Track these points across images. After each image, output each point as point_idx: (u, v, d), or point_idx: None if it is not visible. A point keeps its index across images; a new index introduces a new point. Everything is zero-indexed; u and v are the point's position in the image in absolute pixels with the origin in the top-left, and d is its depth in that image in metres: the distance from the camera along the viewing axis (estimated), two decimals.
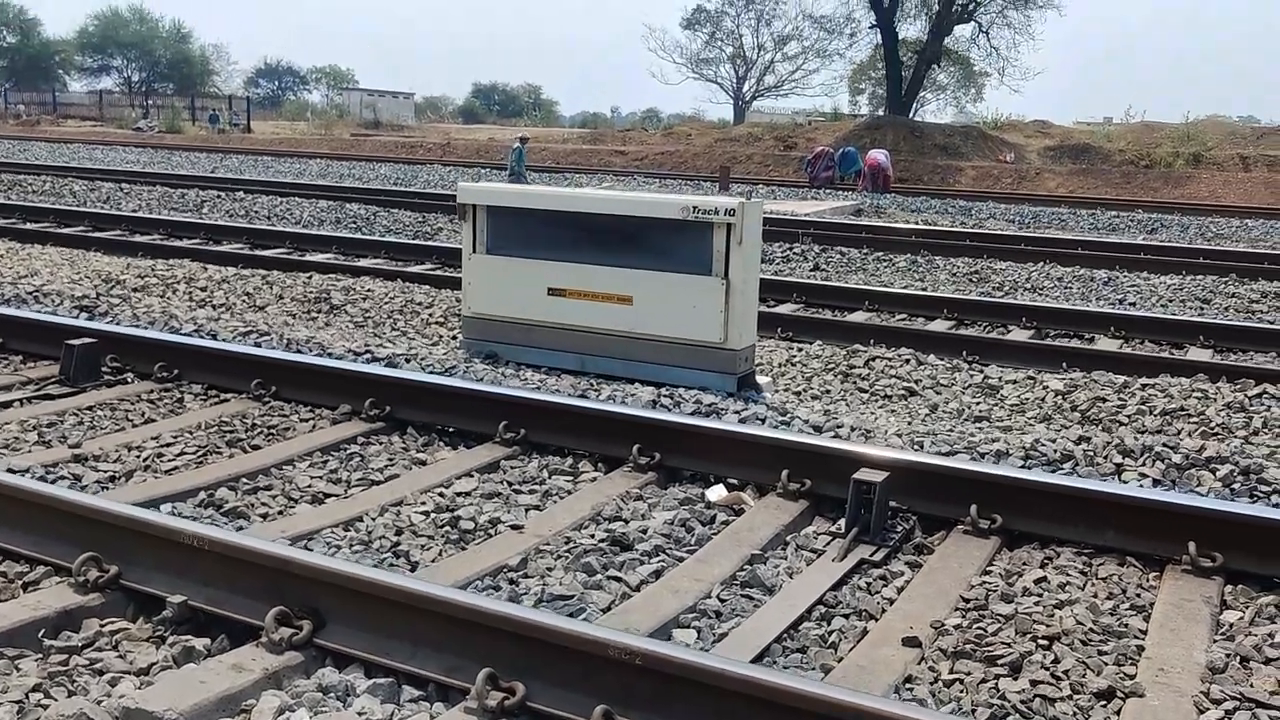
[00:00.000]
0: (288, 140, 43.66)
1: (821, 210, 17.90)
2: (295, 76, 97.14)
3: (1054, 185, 29.59)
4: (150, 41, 77.81)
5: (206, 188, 17.74)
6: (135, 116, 54.39)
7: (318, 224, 13.81)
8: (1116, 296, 9.80)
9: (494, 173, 26.00)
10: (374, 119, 59.05)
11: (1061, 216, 19.92)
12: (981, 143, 35.43)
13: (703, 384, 5.51)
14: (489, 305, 6.13)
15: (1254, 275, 10.72)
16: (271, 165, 27.42)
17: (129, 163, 26.39)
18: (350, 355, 5.76)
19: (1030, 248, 12.38)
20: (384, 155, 35.21)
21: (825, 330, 7.51)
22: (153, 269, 8.72)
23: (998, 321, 8.09)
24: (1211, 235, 17.15)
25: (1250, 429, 5.24)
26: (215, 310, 7.45)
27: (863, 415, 5.44)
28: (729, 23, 62.69)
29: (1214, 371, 6.25)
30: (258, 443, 4.47)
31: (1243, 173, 30.12)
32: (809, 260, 11.45)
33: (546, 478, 4.15)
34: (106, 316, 6.71)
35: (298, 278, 8.55)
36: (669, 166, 32.95)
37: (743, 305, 5.56)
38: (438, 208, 15.06)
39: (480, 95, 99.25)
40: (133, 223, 12.41)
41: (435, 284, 8.66)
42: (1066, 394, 5.84)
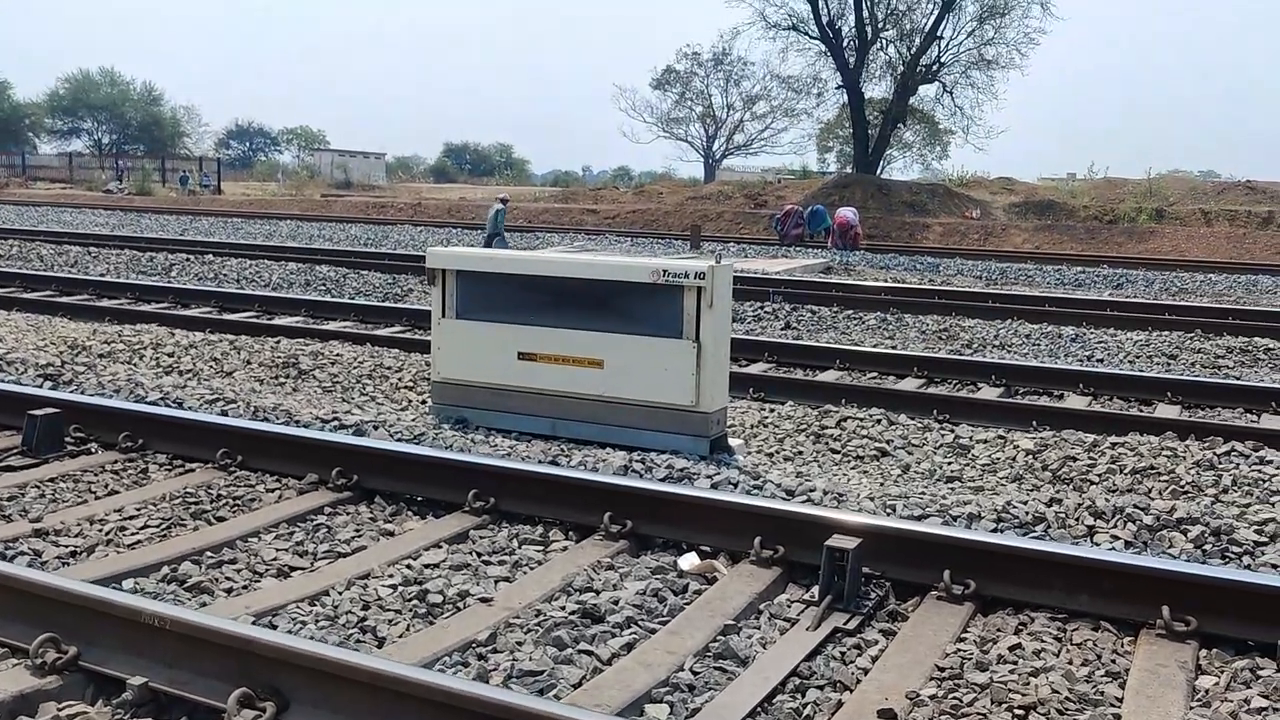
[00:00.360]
0: (258, 201, 43.68)
1: (792, 268, 18.02)
2: (266, 137, 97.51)
3: (1020, 241, 29.95)
4: (121, 104, 77.98)
5: (176, 250, 17.67)
6: (105, 178, 54.26)
7: (287, 286, 13.76)
8: (1084, 353, 9.88)
9: (465, 233, 26.05)
10: (345, 179, 59.21)
11: (1028, 272, 20.14)
12: (948, 199, 35.88)
13: (675, 447, 5.49)
14: (459, 370, 6.10)
15: (1219, 330, 10.84)
16: (242, 227, 27.38)
17: (98, 225, 26.29)
18: (318, 423, 5.71)
19: (998, 304, 12.49)
20: (355, 216, 35.26)
21: (797, 390, 7.52)
22: (119, 334, 8.64)
23: (967, 379, 8.13)
24: (1176, 290, 17.37)
25: (1220, 487, 5.27)
26: (182, 377, 7.38)
27: (835, 477, 5.43)
28: (698, 83, 63.53)
29: (1182, 429, 6.29)
30: (223, 514, 4.40)
31: (1205, 227, 30.61)
32: (780, 319, 11.49)
33: (516, 548, 4.10)
34: (71, 385, 6.63)
35: (266, 342, 8.49)
36: (641, 225, 33.15)
37: (714, 368, 5.56)
38: (408, 269, 15.05)
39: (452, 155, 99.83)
40: (100, 287, 12.33)
41: (405, 347, 8.62)
42: (1037, 453, 5.86)
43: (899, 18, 37.35)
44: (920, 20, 37.30)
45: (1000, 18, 36.18)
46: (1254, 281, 18.95)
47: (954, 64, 37.62)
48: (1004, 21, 36.24)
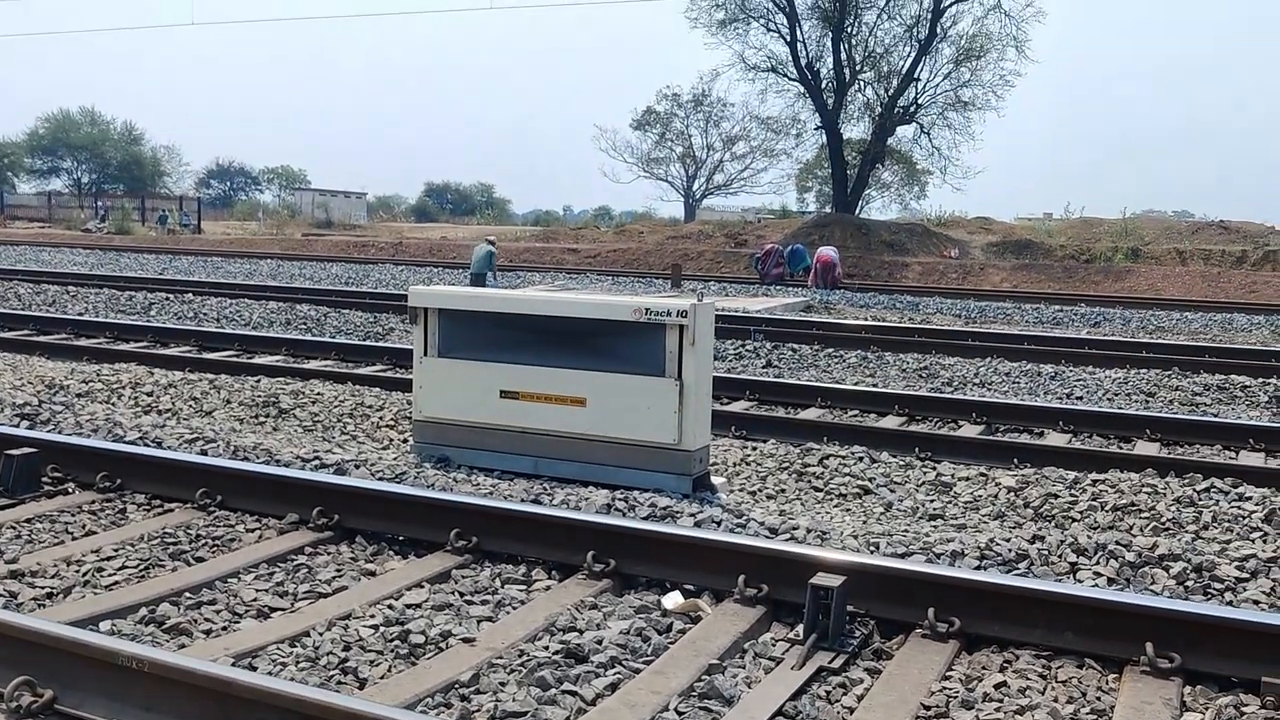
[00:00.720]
0: (239, 240, 43.62)
1: (772, 307, 18.09)
2: (247, 177, 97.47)
3: (998, 280, 30.17)
4: (101, 143, 77.84)
5: (155, 289, 17.60)
6: (84, 218, 54.09)
7: (268, 325, 13.72)
8: (1064, 390, 9.94)
9: (447, 272, 26.07)
10: (326, 219, 59.16)
11: (1006, 310, 20.28)
12: (926, 239, 36.14)
13: (658, 486, 5.48)
14: (441, 409, 6.08)
15: (1196, 368, 10.92)
16: (222, 266, 27.32)
17: (76, 264, 26.19)
18: (298, 462, 5.67)
19: (978, 343, 12.56)
20: (336, 255, 35.24)
21: (779, 428, 7.52)
22: (98, 374, 8.59)
23: (948, 417, 8.15)
24: (1153, 328, 17.52)
25: (1200, 524, 5.29)
26: (161, 416, 7.33)
27: (818, 515, 5.43)
28: (678, 124, 63.97)
29: (1162, 466, 6.32)
30: (202, 555, 4.36)
31: (1180, 266, 30.93)
32: (761, 357, 11.52)
33: (499, 587, 4.07)
34: (49, 424, 6.58)
35: (246, 381, 8.45)
36: (622, 264, 33.24)
37: (696, 406, 5.56)
38: (389, 308, 15.03)
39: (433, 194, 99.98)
40: (78, 326, 12.26)
41: (386, 386, 8.59)
42: (1019, 490, 5.87)
43: (876, 60, 37.77)
44: (897, 62, 37.75)
45: (976, 60, 36.62)
46: (1229, 320, 19.14)
47: (931, 105, 38.01)
48: (979, 64, 36.68)
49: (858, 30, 37.24)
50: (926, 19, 36.16)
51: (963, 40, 36.76)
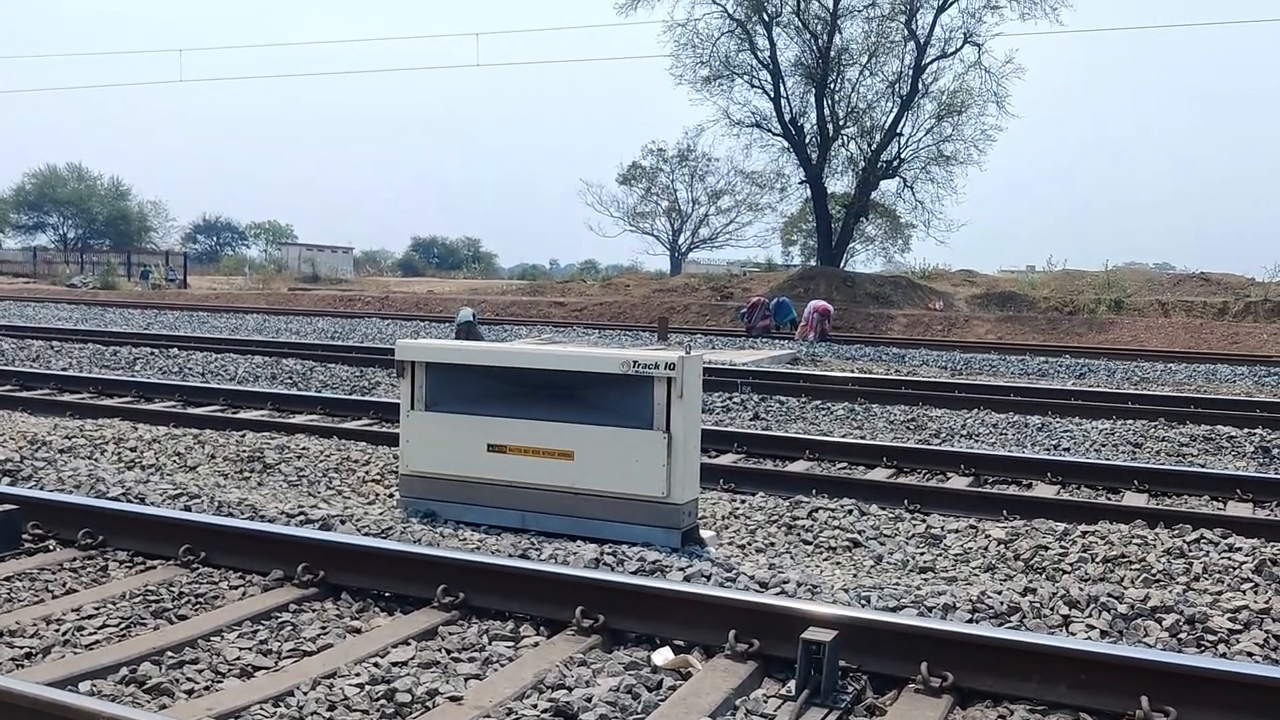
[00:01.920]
0: (225, 295, 43.57)
1: (759, 359, 18.13)
2: (234, 232, 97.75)
3: (983, 332, 30.33)
4: (88, 199, 78.04)
5: (140, 344, 17.53)
6: (70, 273, 54.03)
7: (253, 380, 13.66)
8: (1051, 442, 9.94)
9: (434, 326, 26.07)
10: (313, 273, 59.24)
11: (992, 362, 20.36)
12: (911, 291, 36.38)
13: (647, 539, 5.43)
14: (428, 463, 6.04)
15: (1182, 419, 10.96)
16: (208, 320, 27.27)
17: (61, 320, 26.09)
18: (283, 517, 5.61)
19: (964, 394, 12.59)
20: (322, 309, 35.23)
21: (767, 481, 7.49)
22: (81, 429, 8.52)
23: (937, 469, 8.14)
24: (1137, 379, 17.59)
25: (1191, 574, 5.27)
26: (144, 472, 7.26)
27: (808, 569, 5.39)
28: (664, 178, 64.57)
29: (1151, 517, 6.31)
30: (184, 613, 4.29)
31: (1162, 318, 31.16)
32: (749, 409, 11.51)
33: (487, 644, 4.02)
34: (30, 480, 6.50)
35: (231, 436, 8.39)
36: (608, 317, 33.31)
37: (685, 458, 5.54)
38: (376, 361, 14.99)
39: (419, 248, 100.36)
40: (62, 381, 12.18)
41: (372, 440, 8.54)
42: (1009, 542, 5.84)
43: (859, 115, 38.23)
44: (880, 118, 38.22)
45: (957, 115, 37.13)
46: (1213, 371, 19.24)
47: (914, 160, 38.47)
48: (961, 119, 37.20)
49: (840, 86, 37.76)
50: (908, 75, 36.70)
51: (944, 96, 37.32)
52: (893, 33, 37.20)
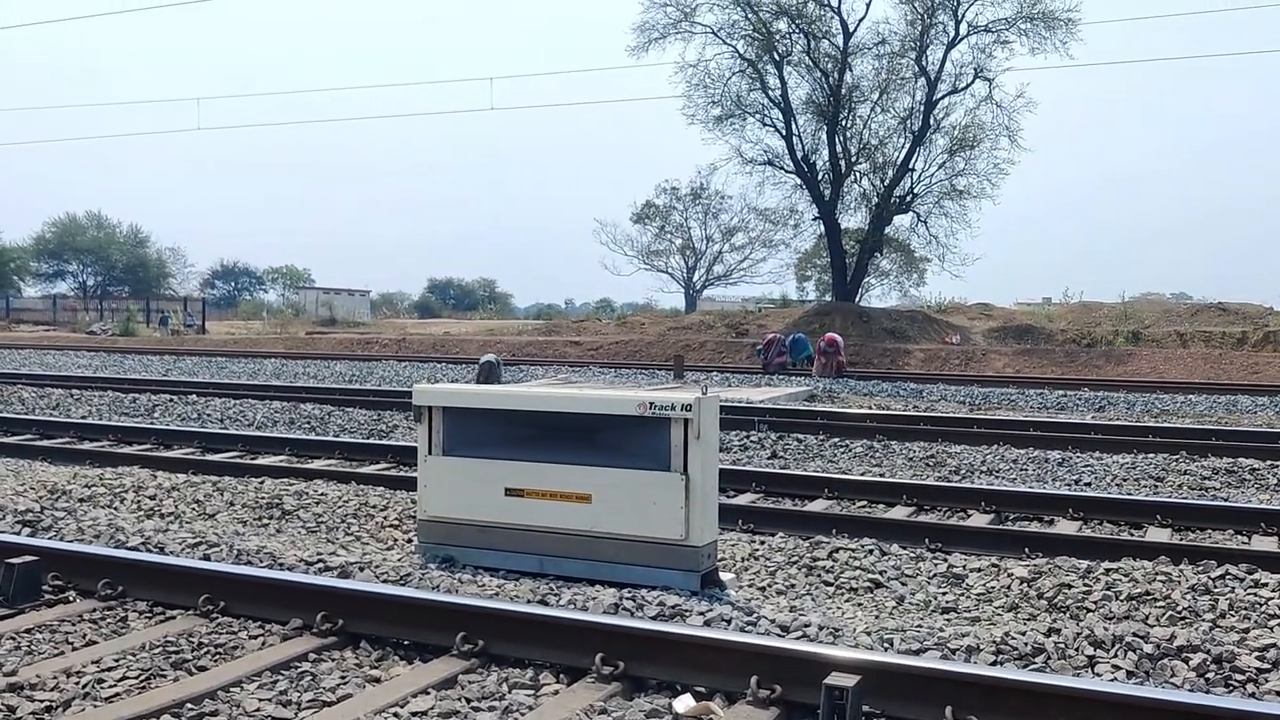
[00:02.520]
0: (243, 340, 43.85)
1: (776, 396, 18.08)
2: (252, 277, 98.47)
3: (1001, 365, 30.24)
4: (107, 246, 78.82)
5: (159, 391, 17.63)
6: (89, 320, 54.46)
7: (271, 425, 13.71)
8: (1072, 477, 9.87)
9: (450, 368, 26.13)
10: (330, 316, 59.62)
11: (1010, 396, 20.27)
12: (928, 326, 36.33)
13: (666, 583, 5.40)
14: (445, 508, 6.03)
15: (1204, 452, 10.86)
16: (226, 366, 27.41)
17: (80, 367, 26.28)
18: (302, 565, 5.61)
19: (983, 430, 12.52)
20: (340, 353, 35.38)
21: (786, 521, 7.45)
22: (100, 478, 8.55)
23: (957, 506, 8.09)
24: (1158, 411, 17.48)
25: (1217, 612, 5.21)
26: (164, 520, 7.28)
27: (830, 611, 5.35)
28: (677, 216, 64.83)
29: (1175, 553, 6.25)
30: (204, 664, 4.28)
31: (1181, 349, 31.02)
32: (766, 448, 11.47)
33: (506, 692, 3.99)
34: (50, 531, 6.52)
35: (249, 483, 8.41)
36: (624, 356, 33.35)
37: (703, 500, 5.51)
38: (393, 405, 15.03)
39: (436, 290, 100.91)
40: (81, 429, 12.25)
41: (390, 485, 8.54)
42: (1031, 581, 5.79)
43: (871, 151, 38.39)
44: (892, 153, 38.37)
45: (969, 150, 37.23)
46: (1234, 402, 19.10)
47: (927, 194, 38.56)
48: (973, 153, 37.30)
49: (852, 123, 37.95)
50: (919, 111, 36.85)
51: (956, 131, 37.45)
52: (903, 69, 37.46)
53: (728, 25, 37.02)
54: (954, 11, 35.54)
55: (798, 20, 36.67)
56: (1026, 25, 34.83)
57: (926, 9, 35.69)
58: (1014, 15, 35.06)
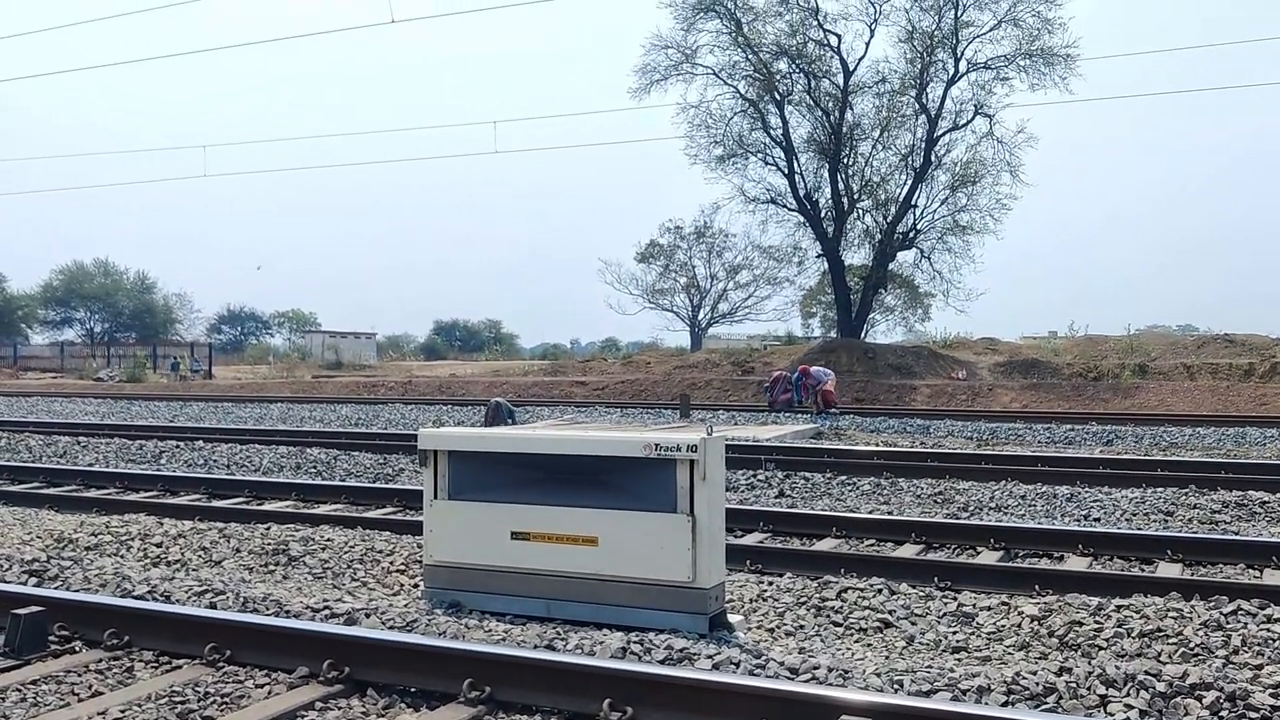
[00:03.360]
0: (250, 384, 43.91)
1: (782, 434, 18.05)
2: (258, 321, 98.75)
3: (1008, 400, 30.17)
4: (114, 293, 79.18)
5: (165, 438, 17.64)
6: (96, 366, 54.60)
7: (277, 470, 13.70)
8: (1081, 512, 9.82)
9: (456, 409, 26.14)
10: (336, 360, 59.69)
11: (1018, 431, 20.21)
12: (933, 361, 36.30)
13: (674, 626, 5.37)
14: (452, 552, 6.01)
15: (1213, 485, 10.81)
16: (232, 411, 27.44)
17: (87, 414, 26.33)
18: (308, 612, 5.59)
19: (991, 465, 12.48)
20: (346, 396, 35.42)
21: (794, 561, 7.42)
22: (107, 525, 8.55)
23: (966, 544, 8.05)
24: (1166, 445, 17.41)
25: (1230, 648, 5.17)
26: (170, 568, 7.27)
27: (839, 652, 5.31)
28: (681, 255, 65.05)
29: (1186, 589, 6.21)
30: (210, 714, 4.26)
31: (1188, 381, 30.94)
32: (773, 486, 11.44)
33: None
34: (57, 580, 6.51)
35: (255, 529, 8.39)
36: (630, 395, 33.35)
37: (710, 542, 5.49)
38: (399, 448, 15.02)
39: (441, 332, 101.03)
40: (88, 476, 12.25)
41: (396, 530, 8.52)
42: (1042, 619, 5.75)
43: (874, 189, 38.57)
44: (894, 190, 38.53)
45: (971, 186, 37.37)
46: (1242, 434, 19.03)
47: (930, 230, 38.65)
48: (975, 189, 37.43)
49: (854, 160, 38.14)
50: (921, 148, 37.04)
51: (957, 167, 37.61)
52: (904, 107, 37.67)
53: (728, 66, 37.36)
54: (953, 49, 35.82)
55: (798, 60, 36.97)
56: (1026, 62, 35.09)
57: (926, 47, 35.97)
58: (1013, 52, 35.34)
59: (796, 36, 36.92)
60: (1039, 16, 34.43)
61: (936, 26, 35.79)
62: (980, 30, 35.45)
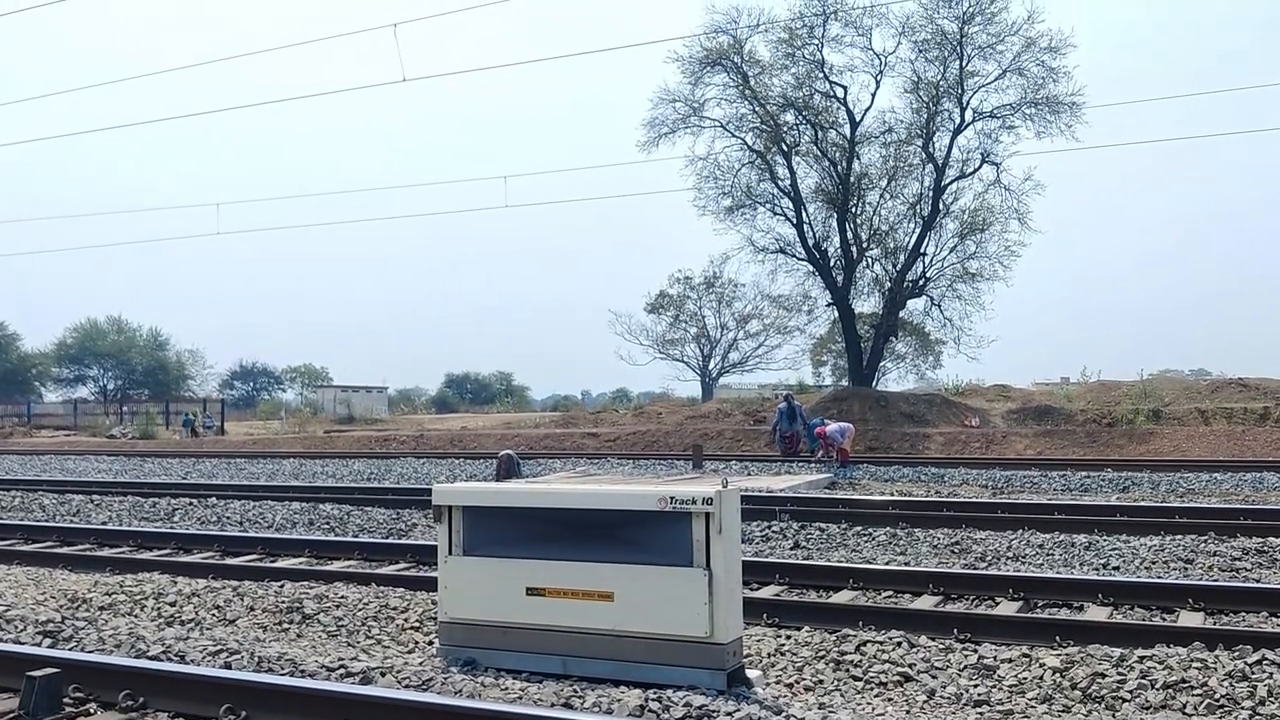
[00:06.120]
0: (262, 440, 43.96)
1: (796, 485, 17.97)
2: (270, 376, 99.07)
3: (1022, 447, 30.01)
4: (128, 350, 79.56)
5: (178, 495, 17.64)
6: (109, 424, 54.75)
7: (290, 527, 13.68)
8: (1099, 561, 9.74)
9: (469, 463, 26.11)
10: (348, 414, 59.74)
11: (1033, 479, 20.09)
12: (946, 409, 36.18)
13: (692, 682, 5.32)
14: (467, 609, 5.97)
15: (1232, 532, 10.72)
16: (245, 467, 27.44)
17: (100, 472, 26.36)
18: (323, 671, 5.55)
19: (1008, 514, 12.39)
20: (358, 450, 35.41)
21: (812, 614, 7.36)
22: (121, 585, 8.52)
23: (985, 594, 7.97)
24: (1183, 491, 17.28)
25: (1256, 699, 5.10)
26: (184, 627, 7.23)
27: (860, 707, 5.25)
28: (691, 305, 65.17)
29: (1209, 638, 6.14)
30: None
31: (1203, 426, 30.75)
32: (788, 538, 11.37)
33: None
34: (71, 641, 6.48)
35: (269, 587, 8.36)
36: (642, 446, 33.27)
37: (727, 596, 5.45)
38: (412, 503, 14.99)
39: (453, 385, 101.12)
40: (102, 535, 12.24)
41: (410, 586, 8.47)
42: (1064, 670, 5.68)
43: (882, 237, 38.64)
44: (903, 238, 38.58)
45: (980, 233, 37.43)
46: (1260, 479, 18.87)
47: (939, 278, 38.64)
48: (984, 237, 37.47)
49: (862, 210, 38.26)
50: (929, 196, 37.16)
51: (965, 215, 37.68)
52: (911, 156, 37.83)
53: (735, 118, 37.63)
54: (959, 99, 36.05)
55: (805, 112, 37.24)
56: (1031, 110, 35.26)
57: (931, 97, 36.22)
58: (1018, 101, 35.53)
59: (803, 89, 37.23)
60: (1043, 66, 34.67)
61: (941, 77, 36.07)
62: (985, 80, 35.72)
